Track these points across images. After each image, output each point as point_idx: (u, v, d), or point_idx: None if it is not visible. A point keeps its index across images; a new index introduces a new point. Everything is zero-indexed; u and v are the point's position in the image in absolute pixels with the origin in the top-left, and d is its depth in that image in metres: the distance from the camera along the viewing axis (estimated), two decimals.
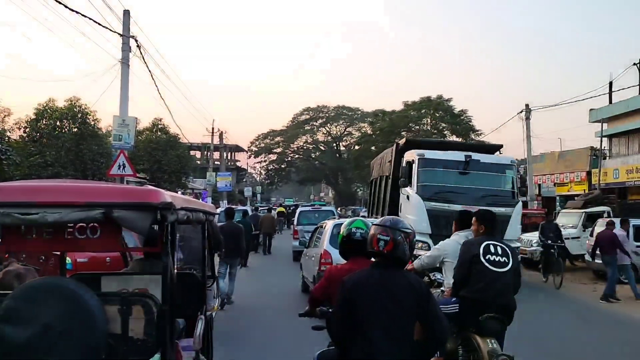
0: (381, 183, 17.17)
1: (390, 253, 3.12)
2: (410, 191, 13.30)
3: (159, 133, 25.72)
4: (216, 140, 37.61)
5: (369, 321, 3.00)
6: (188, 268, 6.01)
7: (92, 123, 18.34)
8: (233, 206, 21.64)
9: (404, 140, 16.54)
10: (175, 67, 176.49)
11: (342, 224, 4.42)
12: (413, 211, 12.83)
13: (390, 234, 3.14)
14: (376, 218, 10.99)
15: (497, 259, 4.74)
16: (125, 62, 14.30)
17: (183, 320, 4.15)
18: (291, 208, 41.23)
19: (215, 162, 72.78)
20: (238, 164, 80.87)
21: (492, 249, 4.79)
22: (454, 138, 47.66)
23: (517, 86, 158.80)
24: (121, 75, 14.30)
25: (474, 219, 5.21)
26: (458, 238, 5.41)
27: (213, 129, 36.71)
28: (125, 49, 14.29)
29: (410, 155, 13.77)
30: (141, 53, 14.67)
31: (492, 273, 4.68)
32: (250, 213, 22.79)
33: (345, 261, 3.90)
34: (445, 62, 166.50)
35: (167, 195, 2.71)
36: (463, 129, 45.99)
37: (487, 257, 4.73)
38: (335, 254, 8.15)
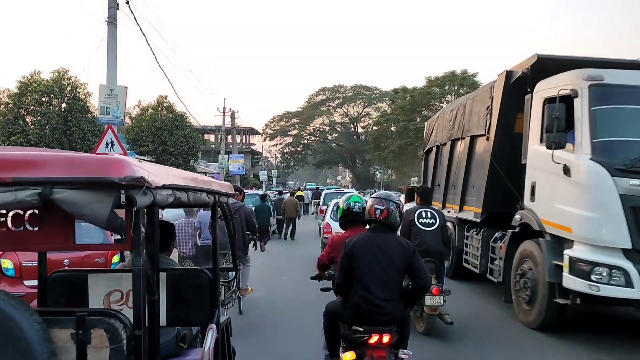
0: (454, 151, 11.17)
1: (384, 219, 4.06)
2: (572, 157, 6.55)
3: (165, 112, 23.67)
4: (228, 122, 35.35)
5: (365, 272, 3.85)
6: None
7: (83, 97, 16.32)
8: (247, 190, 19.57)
9: (531, 58, 8.01)
10: (180, 40, 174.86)
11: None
12: (585, 198, 6.36)
13: (385, 205, 4.07)
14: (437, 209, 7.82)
15: (427, 221, 6.82)
16: (111, 22, 12.17)
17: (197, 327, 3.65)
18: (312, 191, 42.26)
19: (230, 145, 71.29)
20: (253, 147, 78.70)
21: (423, 214, 6.90)
22: None
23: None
24: (107, 37, 12.20)
25: (415, 193, 7.66)
26: (408, 208, 7.29)
27: (225, 108, 34.51)
28: (112, 5, 12.14)
29: (568, 80, 6.84)
30: (131, 10, 12.48)
31: (424, 231, 6.75)
32: (271, 197, 22.14)
33: (344, 232, 4.78)
34: (469, 32, 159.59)
35: (138, 168, 1.85)
36: None
37: (419, 221, 6.82)
38: (335, 225, 9.69)
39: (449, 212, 10.82)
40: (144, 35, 14.44)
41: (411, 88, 46.19)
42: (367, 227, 4.27)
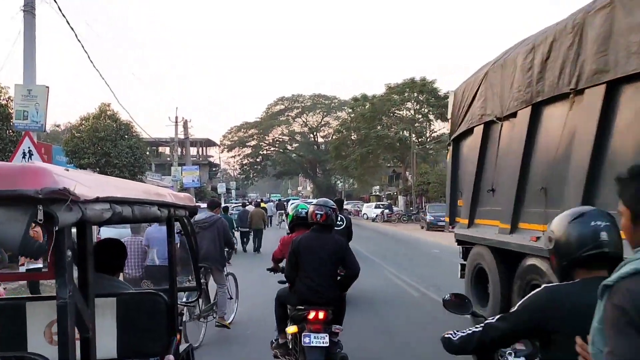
0: (547, 122, 5.66)
1: (324, 222, 4.81)
2: None
3: (108, 121, 21.70)
4: (181, 132, 33.45)
5: (307, 264, 4.69)
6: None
7: (4, 102, 14.35)
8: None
9: None
10: (129, 44, 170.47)
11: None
12: None
13: (323, 210, 4.83)
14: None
15: (338, 223, 7.62)
16: (28, 10, 10.43)
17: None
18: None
19: (184, 157, 69.11)
20: (211, 159, 76.36)
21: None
22: (439, 122, 44.64)
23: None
24: (24, 28, 10.42)
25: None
26: None
27: (177, 118, 32.61)
28: None
29: None
30: None
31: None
32: (230, 209, 21.15)
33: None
34: (432, 36, 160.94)
35: (62, 178, 1.53)
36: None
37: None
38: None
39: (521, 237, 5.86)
40: (72, 29, 12.71)
41: (371, 96, 45.43)
42: (310, 228, 4.99)
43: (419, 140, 43.91)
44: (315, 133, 77.32)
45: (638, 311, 1.37)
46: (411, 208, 40.00)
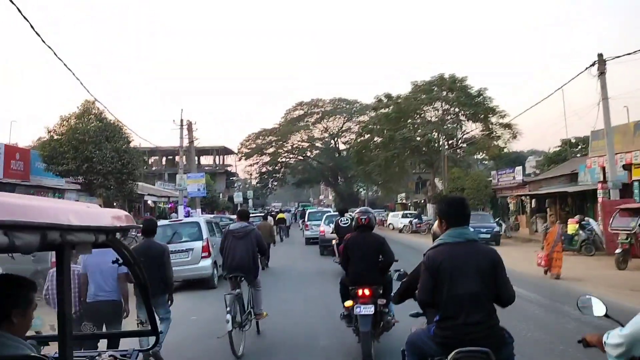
0: None
1: (367, 224, 6.49)
2: None
3: (94, 121, 18.64)
4: (186, 135, 30.30)
5: (355, 255, 6.29)
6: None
7: None
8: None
9: None
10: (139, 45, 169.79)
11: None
12: None
13: (366, 215, 6.59)
14: None
15: (345, 221, 13.35)
16: None
17: None
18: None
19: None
20: (229, 168, 73.42)
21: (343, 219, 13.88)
22: (470, 124, 40.76)
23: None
24: None
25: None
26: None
27: (182, 121, 29.50)
28: None
29: None
30: None
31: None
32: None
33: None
34: (458, 32, 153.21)
35: None
36: (483, 110, 38.87)
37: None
38: (327, 228, 18.77)
39: None
40: (25, 19, 9.58)
41: (395, 96, 41.73)
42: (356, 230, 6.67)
43: (449, 142, 40.06)
44: (336, 139, 73.84)
45: (430, 265, 3.33)
46: None
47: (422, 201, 50.36)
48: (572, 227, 18.26)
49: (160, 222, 12.16)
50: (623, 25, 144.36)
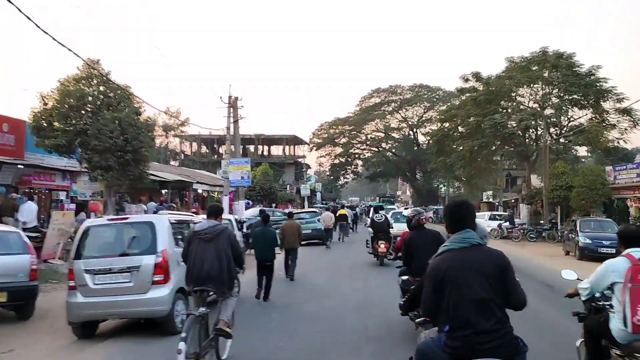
0: None
1: (422, 224, 7.33)
2: None
3: (96, 86, 14.68)
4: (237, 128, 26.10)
5: (417, 248, 6.80)
6: None
7: None
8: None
9: None
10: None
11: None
12: None
13: (421, 215, 7.46)
14: None
15: (380, 218, 16.30)
16: None
17: None
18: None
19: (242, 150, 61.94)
20: (303, 160, 69.17)
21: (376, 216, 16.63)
22: (575, 110, 33.52)
23: None
24: None
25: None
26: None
27: (230, 98, 25.35)
28: None
29: None
30: None
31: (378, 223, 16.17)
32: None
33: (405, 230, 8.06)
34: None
35: None
36: (594, 93, 31.60)
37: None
38: (396, 225, 17.57)
39: None
40: None
41: (486, 76, 35.30)
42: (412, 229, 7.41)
43: (550, 131, 33.05)
44: (415, 130, 67.66)
45: (434, 275, 3.22)
46: (542, 221, 29.50)
47: (513, 200, 43.43)
48: None
49: (90, 222, 7.69)
50: None
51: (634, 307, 3.85)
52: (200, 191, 32.84)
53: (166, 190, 31.54)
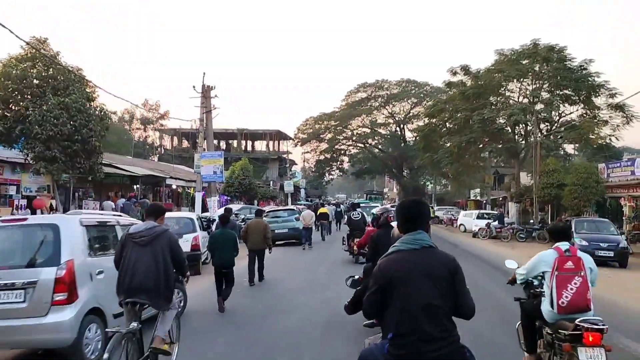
0: None
1: (390, 221, 7.57)
2: None
3: (41, 67, 13.02)
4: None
5: (383, 246, 5.85)
6: None
7: None
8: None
9: None
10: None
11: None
12: None
13: (388, 212, 8.61)
14: None
15: (356, 215, 17.08)
16: None
17: None
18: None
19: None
20: (288, 156, 67.37)
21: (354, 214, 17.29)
22: (566, 106, 32.39)
23: None
24: None
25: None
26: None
27: (203, 86, 23.74)
28: None
29: None
30: None
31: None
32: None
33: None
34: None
35: None
36: (586, 88, 30.49)
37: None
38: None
39: None
40: None
41: (475, 70, 34.01)
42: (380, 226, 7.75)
43: (540, 127, 31.86)
44: (402, 126, 66.37)
45: (381, 276, 3.01)
46: (532, 220, 28.28)
47: (501, 199, 42.33)
48: None
49: None
50: None
51: (559, 291, 4.58)
52: (174, 187, 31.13)
53: (137, 186, 29.87)
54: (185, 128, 54.57)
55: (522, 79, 32.61)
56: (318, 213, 25.05)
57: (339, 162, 68.36)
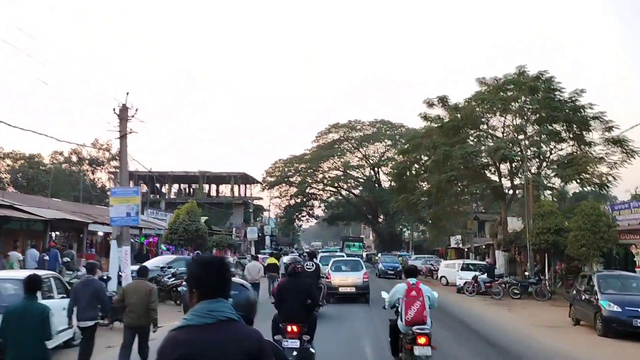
0: None
1: (298, 272, 8.33)
2: None
3: None
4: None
5: (289, 298, 7.82)
6: None
7: None
8: None
9: None
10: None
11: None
12: None
13: (298, 264, 8.79)
14: None
15: (310, 266, 13.76)
16: None
17: None
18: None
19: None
20: (258, 202, 62.50)
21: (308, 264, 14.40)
22: (554, 145, 28.58)
23: None
24: None
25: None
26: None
27: (123, 106, 19.19)
28: None
29: None
30: None
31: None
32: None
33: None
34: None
35: None
36: (578, 122, 26.82)
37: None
38: (333, 274, 19.48)
39: None
40: None
41: (453, 104, 30.19)
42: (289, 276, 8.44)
43: (530, 163, 27.84)
44: (376, 169, 62.59)
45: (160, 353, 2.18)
46: (526, 272, 23.80)
47: (484, 247, 38.04)
48: None
49: None
50: None
51: (406, 310, 7.35)
52: (100, 233, 26.03)
53: (57, 233, 24.89)
54: (142, 171, 50.02)
55: (505, 114, 28.84)
56: (266, 264, 20.40)
57: (309, 208, 63.82)
